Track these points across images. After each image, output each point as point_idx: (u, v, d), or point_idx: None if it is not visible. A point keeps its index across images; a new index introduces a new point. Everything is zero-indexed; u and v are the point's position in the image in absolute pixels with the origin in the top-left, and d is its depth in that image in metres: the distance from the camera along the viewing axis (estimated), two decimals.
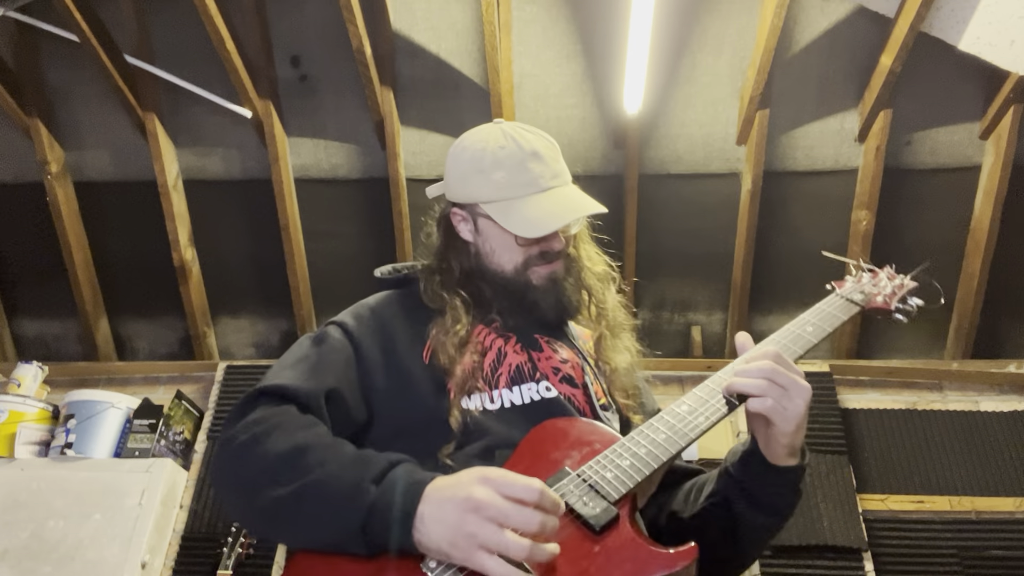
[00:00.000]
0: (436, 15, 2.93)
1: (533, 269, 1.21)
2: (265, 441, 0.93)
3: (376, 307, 1.21)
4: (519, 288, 1.21)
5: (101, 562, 2.61)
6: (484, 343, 1.16)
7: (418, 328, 1.17)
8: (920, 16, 2.60)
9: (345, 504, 0.85)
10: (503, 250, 1.21)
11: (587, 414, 1.14)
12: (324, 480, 0.87)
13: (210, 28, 2.74)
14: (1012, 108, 2.86)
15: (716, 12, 2.89)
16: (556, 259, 1.22)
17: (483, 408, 1.09)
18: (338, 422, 1.04)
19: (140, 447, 2.95)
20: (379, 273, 1.32)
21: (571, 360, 1.21)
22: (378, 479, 0.86)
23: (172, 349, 3.58)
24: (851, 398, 3.10)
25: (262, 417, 0.96)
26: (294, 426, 0.95)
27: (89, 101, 3.14)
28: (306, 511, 0.87)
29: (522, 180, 1.17)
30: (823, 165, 3.13)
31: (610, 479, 0.93)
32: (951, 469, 2.88)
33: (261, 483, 0.90)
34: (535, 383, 1.14)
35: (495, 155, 1.19)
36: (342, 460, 0.90)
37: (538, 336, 1.21)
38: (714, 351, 3.44)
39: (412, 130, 3.16)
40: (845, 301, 1.25)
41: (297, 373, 1.05)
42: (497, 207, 1.18)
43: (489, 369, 1.14)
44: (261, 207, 3.26)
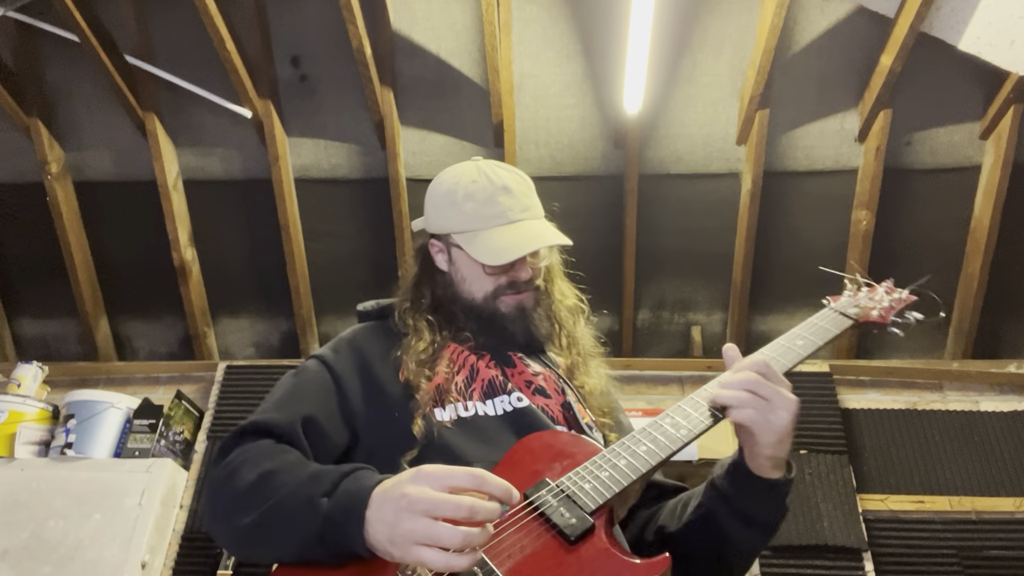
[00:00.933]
0: (436, 15, 2.93)
1: (502, 298, 1.26)
2: (237, 474, 0.98)
3: (352, 338, 1.27)
4: (488, 315, 1.27)
5: (101, 562, 2.61)
6: (457, 361, 1.22)
7: (394, 352, 1.22)
8: (920, 16, 2.60)
9: (301, 520, 0.89)
10: (473, 279, 1.28)
11: (562, 424, 1.16)
12: (282, 502, 0.92)
13: (210, 28, 2.74)
14: (1012, 108, 2.86)
15: (716, 12, 2.89)
16: (525, 289, 1.27)
17: (457, 417, 1.13)
18: (319, 447, 1.09)
19: (140, 447, 2.95)
20: (361, 308, 1.39)
21: (544, 374, 1.24)
22: (330, 491, 0.90)
23: (172, 349, 3.58)
24: (851, 398, 3.10)
25: (238, 453, 1.02)
26: (263, 456, 1.00)
27: (89, 101, 3.14)
28: (271, 533, 0.93)
29: (490, 212, 1.24)
30: (823, 165, 3.13)
31: (588, 490, 0.94)
32: (951, 469, 2.88)
33: (233, 513, 0.96)
34: (507, 395, 1.17)
35: (467, 188, 1.26)
36: (299, 479, 0.94)
37: (511, 353, 1.26)
38: (714, 351, 3.44)
39: (412, 130, 3.16)
40: (838, 315, 1.25)
41: (275, 408, 1.11)
42: (466, 237, 1.25)
43: (463, 383, 1.18)
44: (261, 207, 3.26)
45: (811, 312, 1.30)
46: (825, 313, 1.27)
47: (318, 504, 0.89)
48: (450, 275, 1.31)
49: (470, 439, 1.10)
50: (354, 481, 0.91)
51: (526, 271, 1.27)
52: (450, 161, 3.58)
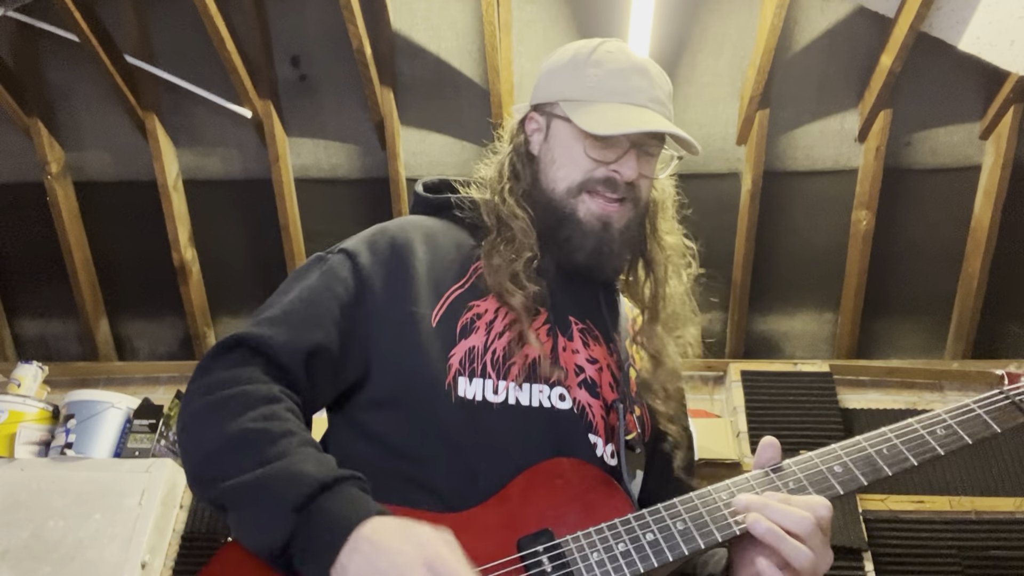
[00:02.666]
0: (436, 15, 2.93)
1: (586, 196, 1.02)
2: (215, 417, 0.84)
3: (398, 238, 1.03)
4: (559, 215, 1.02)
5: (101, 562, 2.61)
6: (505, 320, 0.98)
7: (439, 276, 1.00)
8: (920, 16, 2.60)
9: (265, 524, 0.77)
10: (565, 160, 1.03)
11: (599, 433, 0.97)
12: (253, 487, 0.78)
13: (210, 28, 2.74)
14: (1012, 108, 2.86)
15: (716, 12, 2.89)
16: (618, 194, 1.01)
17: (483, 398, 0.93)
18: (322, 380, 0.94)
19: (140, 447, 2.95)
20: (421, 186, 1.15)
21: (601, 362, 1.02)
22: (302, 505, 0.76)
23: (172, 349, 3.58)
24: (851, 398, 3.10)
25: (224, 380, 0.87)
26: (247, 403, 0.84)
27: (89, 101, 3.14)
28: (236, 515, 0.80)
29: (616, 86, 1.01)
30: (823, 165, 3.13)
31: (593, 564, 0.77)
32: (951, 469, 2.88)
33: (204, 469, 0.83)
34: (548, 387, 0.96)
35: (598, 55, 1.04)
36: (277, 467, 0.78)
37: (573, 319, 1.03)
38: (714, 351, 3.44)
39: (412, 130, 3.16)
40: (1013, 406, 0.91)
41: (281, 321, 0.93)
42: (575, 105, 1.01)
43: (501, 353, 0.96)
44: (261, 207, 3.25)
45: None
46: (994, 400, 0.93)
47: (286, 517, 0.75)
48: (540, 160, 1.07)
49: (488, 437, 0.91)
50: (336, 501, 0.76)
51: (631, 168, 1.01)
52: (450, 161, 3.59)
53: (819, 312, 3.33)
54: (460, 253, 1.04)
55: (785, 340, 3.40)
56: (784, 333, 3.40)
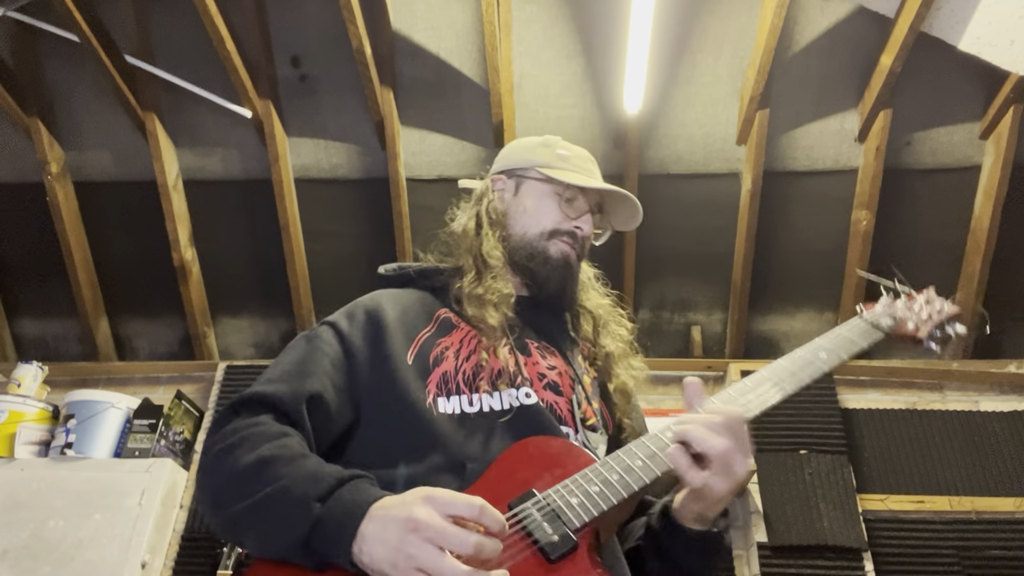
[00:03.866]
0: (436, 15, 2.93)
1: (556, 240, 1.27)
2: (233, 453, 0.96)
3: (370, 306, 1.21)
4: (532, 251, 1.27)
5: (101, 562, 2.61)
6: (468, 345, 1.17)
7: (409, 326, 1.18)
8: (920, 16, 2.60)
9: (291, 520, 0.86)
10: (539, 210, 1.29)
11: (569, 424, 1.12)
12: (275, 496, 0.89)
13: (210, 28, 2.74)
14: (1012, 108, 2.86)
15: (716, 12, 2.89)
16: (579, 242, 1.29)
17: (461, 411, 1.09)
18: (321, 426, 1.06)
19: (140, 447, 2.95)
20: (383, 270, 1.35)
21: (559, 368, 1.20)
22: (324, 496, 0.87)
23: (172, 349, 3.58)
24: (851, 398, 3.10)
25: (237, 428, 0.99)
26: (263, 438, 0.96)
27: (89, 101, 3.14)
28: (258, 525, 0.90)
29: (583, 166, 1.32)
30: (823, 165, 3.13)
31: (575, 505, 0.90)
32: (951, 469, 2.88)
33: (225, 496, 0.94)
34: (515, 389, 1.12)
35: (564, 144, 1.34)
36: (296, 476, 0.90)
37: (529, 342, 1.22)
38: (714, 351, 3.44)
39: (412, 130, 3.16)
40: (869, 326, 1.16)
41: (280, 379, 1.07)
42: (554, 170, 1.30)
43: (471, 372, 1.13)
44: (261, 207, 3.26)
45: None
46: (854, 323, 1.16)
47: (310, 507, 0.86)
48: (507, 211, 1.31)
49: (470, 436, 1.06)
50: (352, 491, 0.88)
51: (589, 225, 1.29)
52: (450, 161, 3.59)
53: (819, 312, 3.33)
54: (424, 306, 1.24)
55: (785, 340, 3.40)
56: (784, 333, 3.40)
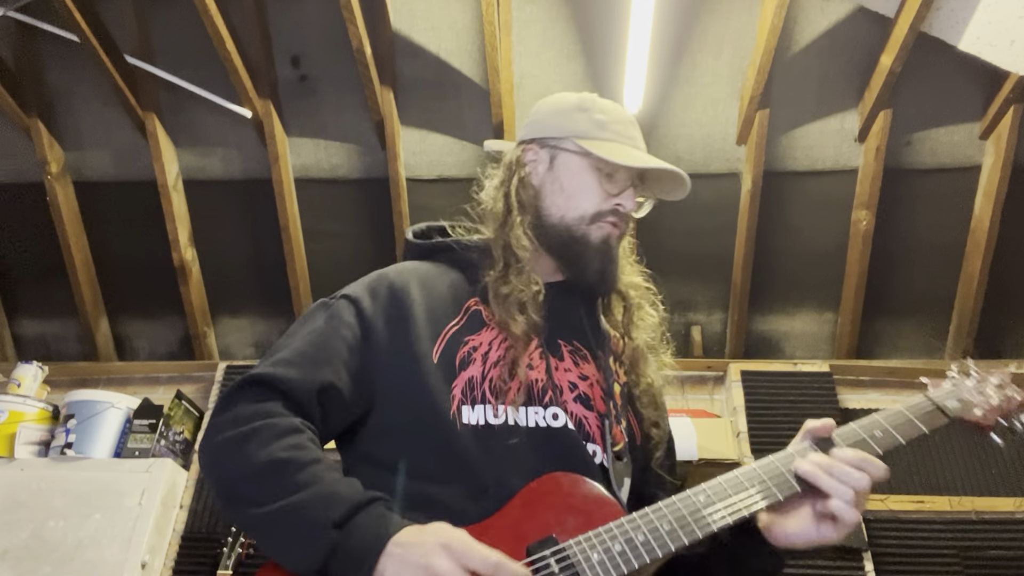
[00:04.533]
0: (436, 15, 2.93)
1: (599, 223, 1.13)
2: (245, 446, 0.92)
3: (396, 283, 1.11)
4: (570, 238, 1.13)
5: (101, 562, 2.61)
6: (499, 349, 1.07)
7: (436, 316, 1.09)
8: (920, 16, 2.60)
9: (307, 542, 0.85)
10: (579, 190, 1.14)
11: (597, 442, 1.06)
12: (289, 512, 0.86)
13: (210, 28, 2.74)
14: (1012, 108, 2.86)
15: (716, 12, 2.89)
16: (622, 220, 1.15)
17: (486, 422, 1.01)
18: (334, 415, 1.02)
19: (140, 447, 2.95)
20: (412, 234, 1.24)
21: (592, 378, 1.11)
22: (341, 522, 0.84)
23: (172, 349, 3.58)
24: (851, 398, 3.10)
25: (246, 415, 0.95)
26: (275, 433, 0.92)
27: (89, 101, 3.14)
28: (272, 538, 0.88)
29: (624, 131, 1.16)
30: (823, 165, 3.13)
31: (595, 563, 0.86)
32: (951, 469, 2.88)
33: (237, 495, 0.91)
34: (543, 408, 1.04)
35: (601, 104, 1.18)
36: (311, 491, 0.87)
37: (562, 342, 1.12)
38: (714, 351, 3.44)
39: (412, 130, 3.16)
40: (935, 408, 1.06)
41: (294, 362, 1.01)
42: (591, 142, 1.13)
43: (499, 382, 1.04)
44: (261, 207, 3.26)
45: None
46: (919, 403, 1.06)
47: (327, 533, 0.84)
48: (541, 190, 1.16)
49: (492, 455, 0.99)
50: (369, 518, 0.85)
51: (631, 201, 1.15)
52: (450, 161, 3.59)
53: (819, 312, 3.33)
54: (454, 293, 1.13)
55: (785, 340, 3.40)
56: (784, 333, 3.40)
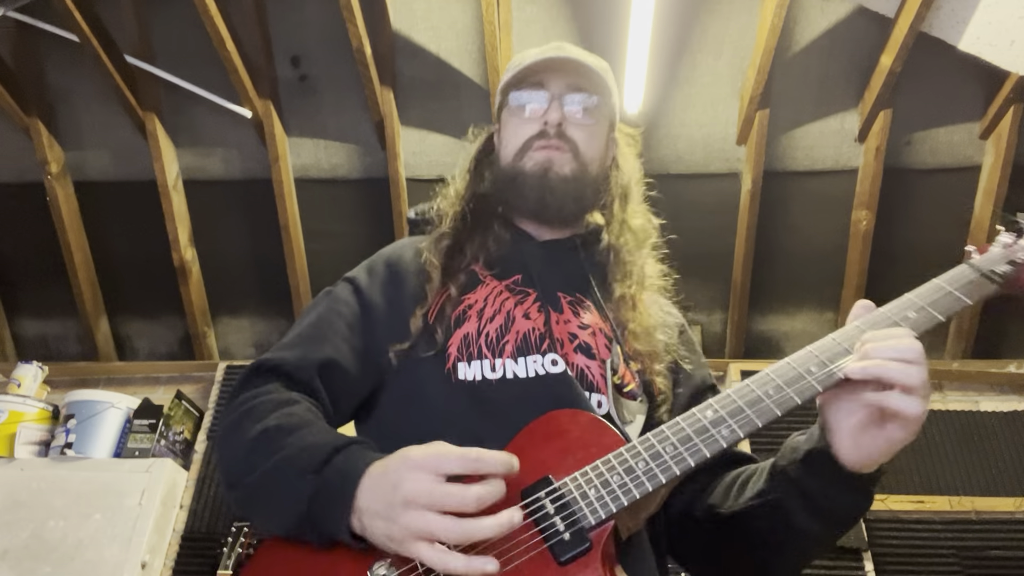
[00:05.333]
0: (436, 15, 2.93)
1: (529, 153, 1.14)
2: (240, 427, 0.93)
3: (391, 258, 1.16)
4: (509, 176, 1.15)
5: (101, 562, 2.61)
6: (493, 304, 1.06)
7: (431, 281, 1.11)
8: (920, 16, 2.60)
9: (290, 494, 0.84)
10: (509, 135, 1.18)
11: (601, 391, 1.01)
12: (274, 470, 0.87)
13: (210, 28, 2.74)
14: (1012, 108, 2.86)
15: (716, 12, 2.89)
16: (552, 139, 1.13)
17: (483, 377, 1.00)
18: (340, 391, 1.03)
19: (140, 447, 2.95)
20: (412, 213, 1.29)
21: (594, 326, 1.07)
22: (319, 467, 0.83)
23: (172, 349, 3.58)
24: None
25: (245, 399, 0.97)
26: (268, 407, 0.93)
27: (89, 101, 3.14)
28: (262, 502, 0.88)
29: (526, 58, 1.17)
30: (823, 165, 3.13)
31: (592, 499, 0.81)
32: (951, 469, 2.88)
33: (233, 474, 0.92)
34: (541, 355, 1.01)
35: (525, 54, 1.21)
36: (294, 447, 0.87)
37: (561, 294, 1.10)
38: (714, 351, 3.44)
39: (412, 130, 3.16)
40: (980, 276, 0.92)
41: (293, 345, 1.04)
42: (508, 84, 1.18)
43: (495, 334, 1.03)
44: (261, 207, 3.26)
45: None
46: (960, 273, 0.94)
47: (305, 480, 0.83)
48: (497, 149, 1.22)
49: (489, 408, 0.97)
50: (345, 460, 0.84)
51: (555, 112, 1.13)
52: (450, 161, 3.58)
53: (819, 312, 3.33)
54: None
55: (785, 340, 3.40)
56: (784, 333, 3.40)
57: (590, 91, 1.17)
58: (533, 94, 1.15)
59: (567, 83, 1.16)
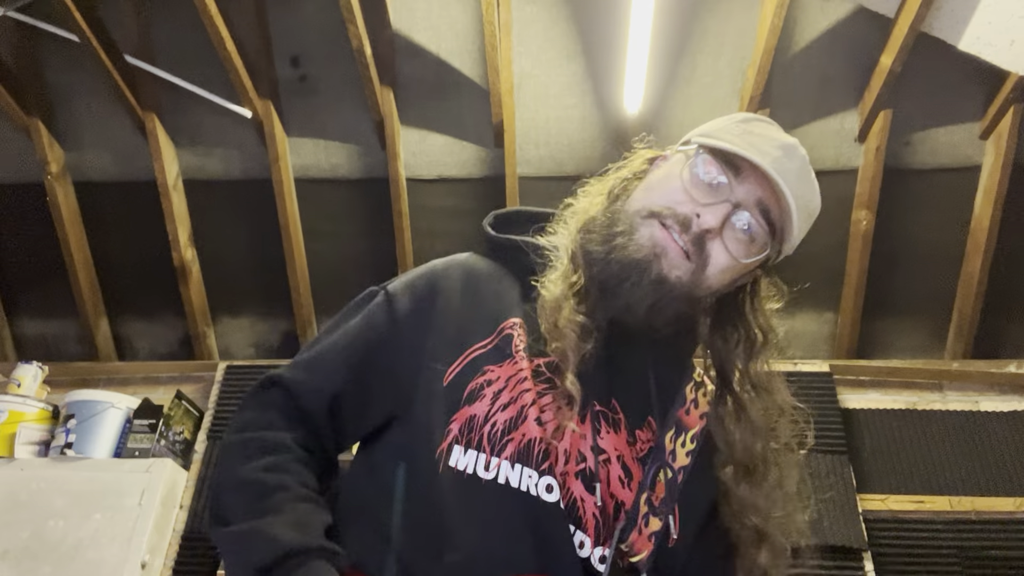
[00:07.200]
0: (436, 15, 2.93)
1: (655, 222, 0.90)
2: (232, 457, 0.93)
3: (439, 284, 1.00)
4: (616, 230, 0.92)
5: (101, 562, 2.61)
6: (512, 391, 0.91)
7: (466, 332, 0.96)
8: (920, 16, 2.60)
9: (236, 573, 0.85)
10: (658, 185, 0.95)
11: (588, 533, 0.88)
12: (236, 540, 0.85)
13: (210, 28, 2.74)
14: (1012, 108, 2.86)
15: (716, 12, 2.89)
16: (686, 238, 0.90)
17: (473, 472, 0.88)
18: (347, 422, 0.98)
19: (140, 447, 2.95)
20: (490, 221, 1.07)
21: (610, 453, 0.91)
22: (266, 568, 0.80)
23: (172, 349, 3.58)
24: (851, 398, 3.10)
25: (249, 421, 0.96)
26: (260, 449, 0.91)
27: (89, 101, 3.14)
28: (223, 555, 0.91)
29: (757, 143, 0.92)
30: (823, 165, 3.12)
31: None
32: (951, 469, 2.87)
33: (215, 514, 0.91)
34: (537, 474, 0.87)
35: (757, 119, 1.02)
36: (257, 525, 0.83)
37: (595, 401, 0.92)
38: None
39: (412, 130, 3.16)
40: None
41: (314, 365, 0.98)
42: (708, 139, 0.95)
43: (500, 429, 0.89)
44: (261, 207, 3.25)
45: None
46: None
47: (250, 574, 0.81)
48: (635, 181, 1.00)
49: (467, 511, 0.86)
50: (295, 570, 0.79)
51: (714, 216, 0.90)
52: (450, 161, 3.60)
53: (819, 312, 3.33)
54: (497, 307, 0.98)
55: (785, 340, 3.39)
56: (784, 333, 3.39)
57: (771, 223, 0.94)
58: (719, 177, 0.92)
59: (758, 197, 0.93)
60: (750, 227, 0.93)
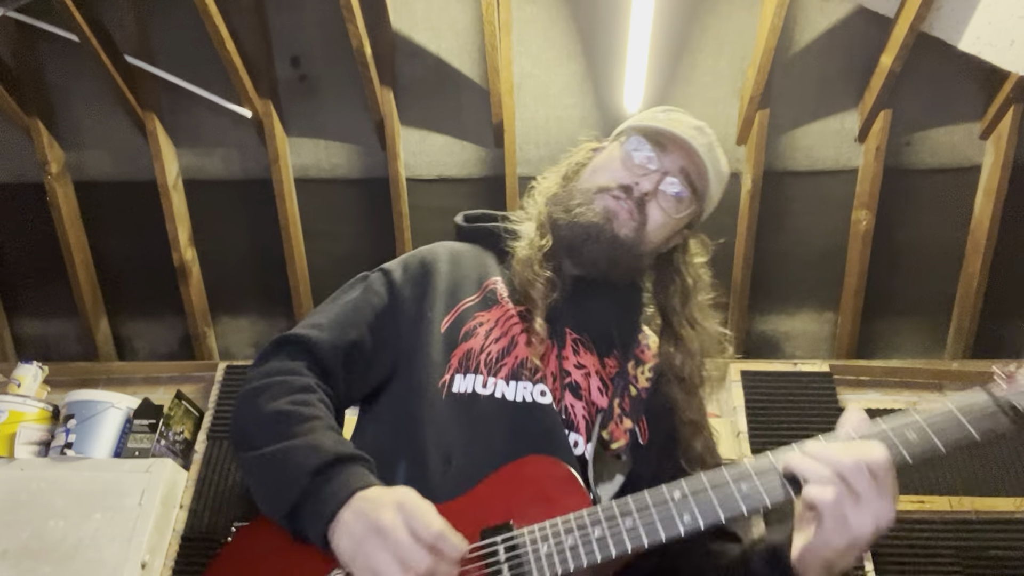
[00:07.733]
0: (436, 15, 2.93)
1: (601, 195, 1.14)
2: (260, 397, 0.99)
3: (427, 257, 1.20)
4: (574, 206, 1.15)
5: (101, 562, 2.61)
6: (502, 327, 1.10)
7: (456, 289, 1.15)
8: (920, 16, 2.60)
9: (283, 486, 0.90)
10: (601, 167, 1.20)
11: (580, 431, 1.04)
12: (277, 456, 0.92)
13: (210, 28, 2.74)
14: (1012, 108, 2.86)
15: (716, 12, 2.89)
16: (628, 201, 1.13)
17: (472, 391, 1.04)
18: (358, 375, 1.09)
19: (140, 447, 2.95)
20: (460, 219, 1.31)
21: (589, 368, 1.10)
22: (318, 471, 0.88)
23: (172, 349, 3.58)
24: (851, 398, 3.10)
25: (274, 370, 1.03)
26: (287, 389, 0.99)
27: (89, 101, 3.14)
28: (259, 480, 0.94)
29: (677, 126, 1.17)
30: (823, 165, 3.13)
31: (542, 556, 0.83)
32: (951, 469, 2.88)
33: (243, 440, 0.98)
34: (532, 384, 1.04)
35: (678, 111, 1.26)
36: (300, 440, 0.92)
37: (568, 329, 1.13)
38: None
39: (412, 130, 3.16)
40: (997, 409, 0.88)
41: (326, 325, 1.09)
42: (627, 127, 1.21)
43: (496, 354, 1.07)
44: (261, 207, 3.26)
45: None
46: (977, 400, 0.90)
47: (301, 479, 0.88)
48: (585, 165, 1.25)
49: (470, 424, 1.01)
50: (343, 471, 0.89)
51: (650, 181, 1.14)
52: (450, 161, 3.59)
53: (819, 312, 3.33)
54: (478, 270, 1.19)
55: (785, 340, 3.40)
56: (784, 333, 3.40)
57: (692, 186, 1.18)
58: (649, 154, 1.17)
59: (681, 165, 1.17)
60: (678, 190, 1.17)
